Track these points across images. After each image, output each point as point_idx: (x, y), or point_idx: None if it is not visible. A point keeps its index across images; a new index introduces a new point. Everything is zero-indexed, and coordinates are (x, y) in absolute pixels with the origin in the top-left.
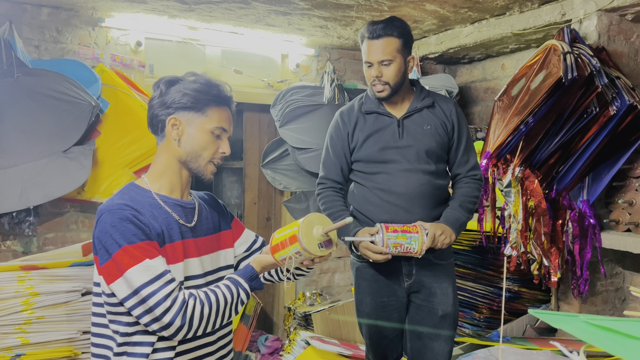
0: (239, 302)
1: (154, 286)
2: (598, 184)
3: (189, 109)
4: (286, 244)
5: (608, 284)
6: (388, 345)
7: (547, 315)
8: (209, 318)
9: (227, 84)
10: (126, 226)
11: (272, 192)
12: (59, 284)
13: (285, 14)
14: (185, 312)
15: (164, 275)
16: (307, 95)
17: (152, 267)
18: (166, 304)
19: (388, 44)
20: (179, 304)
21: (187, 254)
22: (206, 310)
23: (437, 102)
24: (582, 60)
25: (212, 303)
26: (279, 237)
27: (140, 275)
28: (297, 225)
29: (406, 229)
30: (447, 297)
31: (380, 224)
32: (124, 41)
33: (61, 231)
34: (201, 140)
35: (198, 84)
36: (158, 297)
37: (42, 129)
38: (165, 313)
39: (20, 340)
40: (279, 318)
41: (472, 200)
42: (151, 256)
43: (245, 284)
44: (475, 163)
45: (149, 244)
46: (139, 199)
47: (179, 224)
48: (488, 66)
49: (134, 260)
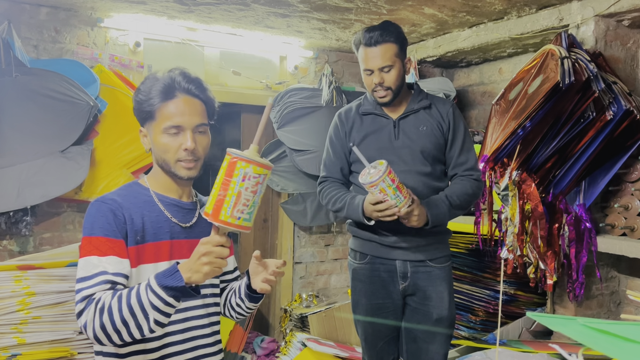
0: (150, 307)
1: (83, 284)
2: (594, 188)
3: (144, 119)
4: (227, 181)
5: (603, 288)
6: (384, 347)
7: (545, 318)
8: (113, 324)
9: (183, 70)
10: (98, 218)
11: (269, 194)
12: (56, 284)
13: (284, 16)
14: (87, 314)
15: (98, 275)
16: (305, 97)
17: (92, 264)
18: (80, 306)
19: (387, 50)
20: (85, 305)
21: (176, 254)
22: (105, 316)
23: (435, 104)
24: (580, 65)
25: (112, 307)
26: (213, 192)
27: (81, 269)
28: (226, 159)
29: (400, 187)
30: (442, 301)
31: (386, 164)
32: (123, 41)
33: (58, 231)
34: (159, 144)
35: (140, 93)
36: (78, 297)
37: (40, 129)
38: (79, 315)
39: (17, 340)
40: (275, 319)
41: (461, 197)
42: (103, 253)
43: (153, 281)
44: (474, 164)
45: (110, 240)
46: (135, 195)
47: (170, 223)
48: (485, 70)
49: (85, 252)
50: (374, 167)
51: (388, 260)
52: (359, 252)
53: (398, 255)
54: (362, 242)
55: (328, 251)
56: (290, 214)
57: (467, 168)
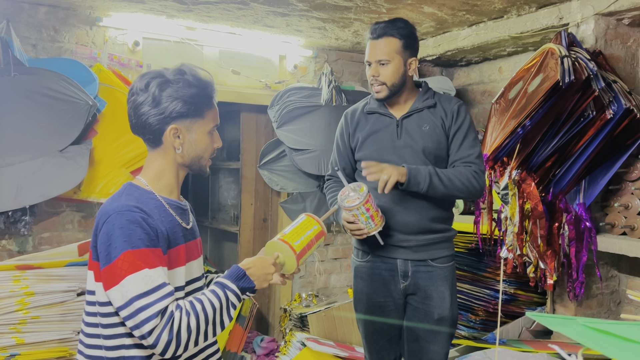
0: (230, 305)
1: (147, 299)
2: (594, 188)
3: (189, 115)
4: (312, 243)
5: (603, 287)
6: (385, 346)
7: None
8: (199, 329)
9: (208, 72)
10: (133, 229)
11: (268, 193)
12: (55, 283)
13: (284, 15)
14: (172, 327)
15: (161, 288)
16: (304, 97)
17: (150, 277)
18: (156, 321)
19: (387, 44)
20: (166, 320)
21: (189, 256)
22: (193, 321)
23: (440, 102)
24: (579, 64)
25: (198, 312)
26: (300, 241)
27: (137, 285)
28: (314, 222)
29: (374, 216)
30: (444, 301)
31: (366, 192)
32: (122, 41)
33: (57, 231)
34: (203, 144)
35: (194, 88)
36: (149, 313)
37: (39, 128)
38: (152, 331)
39: (15, 340)
40: (275, 319)
41: (449, 174)
42: (151, 265)
43: (233, 285)
44: (475, 158)
45: (153, 251)
46: (145, 200)
47: (181, 227)
48: (485, 69)
49: (133, 268)
50: (354, 191)
51: (389, 258)
52: (361, 250)
53: (399, 254)
54: (364, 240)
55: (328, 250)
56: (289, 213)
57: (466, 161)
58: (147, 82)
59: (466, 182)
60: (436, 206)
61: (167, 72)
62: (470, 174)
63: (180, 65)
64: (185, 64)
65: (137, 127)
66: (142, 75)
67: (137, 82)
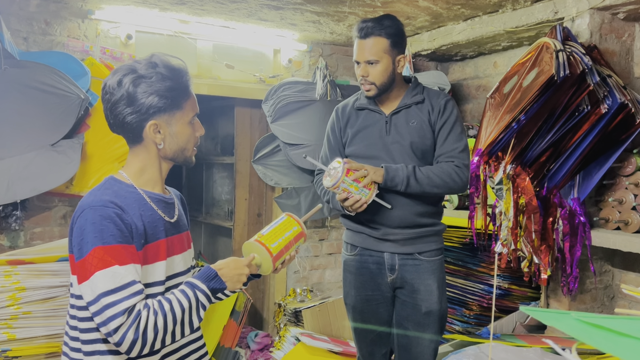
0: (200, 306)
1: (115, 296)
2: (588, 182)
3: (167, 109)
4: (291, 244)
5: (597, 282)
6: (375, 340)
7: (538, 312)
8: (166, 329)
9: (181, 60)
10: (106, 225)
11: (263, 188)
12: (46, 279)
13: (278, 8)
14: (138, 326)
15: (130, 286)
16: (299, 91)
17: (119, 275)
18: (122, 319)
19: (375, 44)
20: (132, 318)
21: (171, 251)
22: (160, 321)
23: (429, 98)
24: (574, 58)
25: (166, 312)
26: (278, 243)
27: (105, 282)
28: (294, 223)
29: (360, 181)
30: (431, 295)
31: (342, 165)
32: (114, 34)
33: (49, 226)
34: (185, 135)
35: (168, 80)
36: (115, 310)
37: (30, 122)
38: (118, 329)
39: (7, 335)
40: (269, 314)
41: (429, 172)
42: (122, 262)
43: (203, 285)
44: (459, 153)
45: (125, 247)
46: (123, 194)
47: (163, 221)
48: (480, 64)
49: (103, 264)
50: (333, 168)
51: (376, 252)
52: (349, 244)
53: (386, 248)
54: (353, 234)
55: (322, 246)
56: (284, 208)
57: (450, 155)
58: (119, 79)
59: (447, 179)
60: (423, 201)
61: (139, 67)
62: (452, 169)
63: (151, 56)
64: (155, 54)
65: (116, 126)
66: (114, 71)
67: (109, 80)
